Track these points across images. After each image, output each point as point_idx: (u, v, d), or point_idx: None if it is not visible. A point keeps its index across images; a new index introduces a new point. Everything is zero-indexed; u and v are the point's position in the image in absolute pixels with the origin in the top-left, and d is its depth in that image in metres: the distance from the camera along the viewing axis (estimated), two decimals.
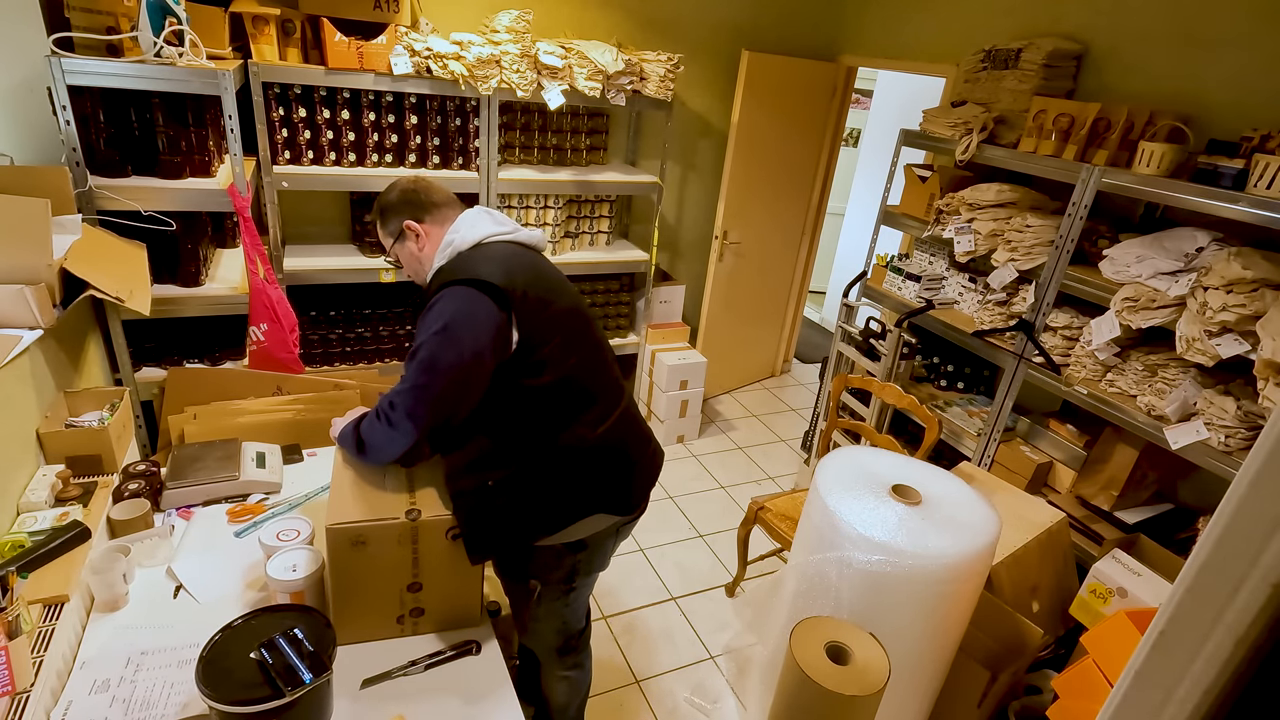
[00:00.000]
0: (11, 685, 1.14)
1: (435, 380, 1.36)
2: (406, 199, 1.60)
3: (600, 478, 1.51)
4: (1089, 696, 1.67)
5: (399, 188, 1.62)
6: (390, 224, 1.60)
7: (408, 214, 1.58)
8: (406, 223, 1.57)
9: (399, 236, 1.59)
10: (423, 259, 1.58)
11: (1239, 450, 1.92)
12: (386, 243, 1.64)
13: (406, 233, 1.58)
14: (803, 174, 4.11)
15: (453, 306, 1.37)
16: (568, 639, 1.71)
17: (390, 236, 1.61)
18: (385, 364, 2.98)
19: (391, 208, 1.60)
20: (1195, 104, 2.33)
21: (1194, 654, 0.51)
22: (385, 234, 1.62)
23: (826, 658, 1.31)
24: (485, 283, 1.38)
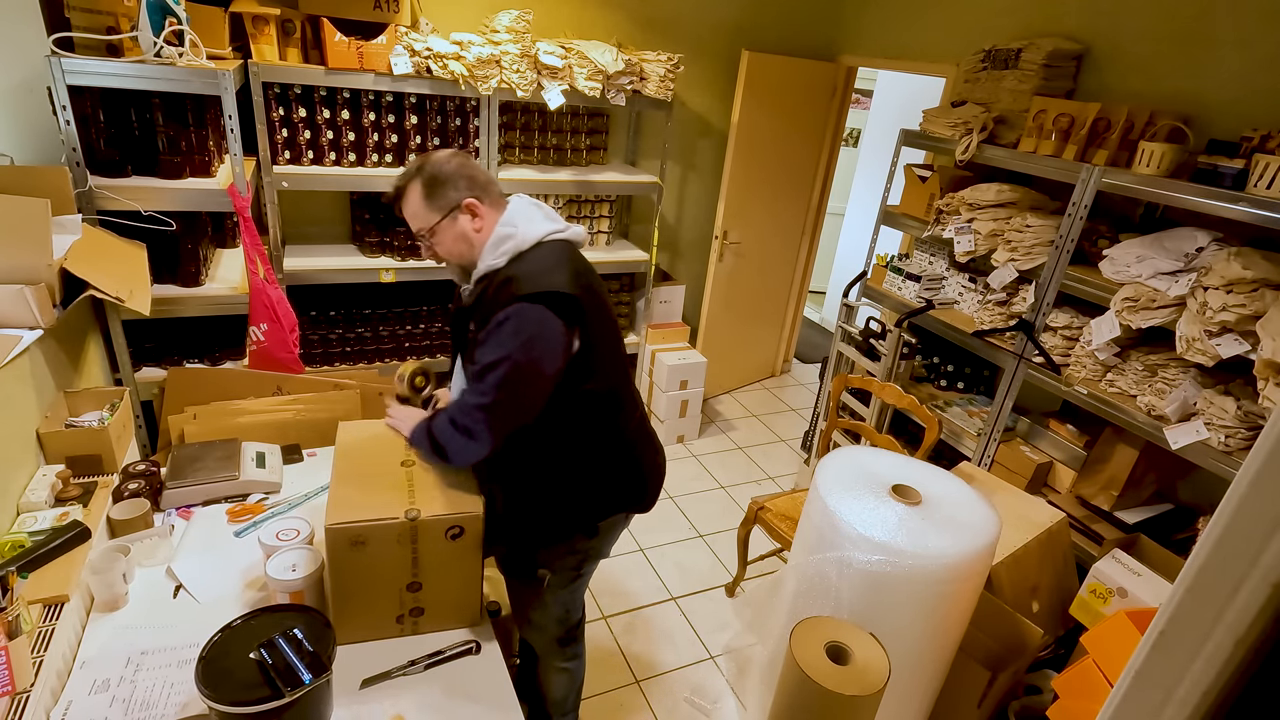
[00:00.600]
0: (11, 685, 1.14)
1: (514, 398, 1.38)
2: (466, 172, 1.45)
3: (632, 475, 1.62)
4: (1089, 696, 1.67)
5: (454, 158, 1.46)
6: (442, 196, 1.43)
7: (468, 190, 1.44)
8: (468, 200, 1.43)
9: (450, 212, 1.43)
10: (474, 243, 1.46)
11: (1239, 450, 1.92)
12: (429, 217, 1.44)
13: (463, 211, 1.44)
14: (803, 174, 4.11)
15: (533, 326, 1.35)
16: (569, 629, 1.76)
17: (438, 211, 1.44)
18: (385, 364, 2.98)
19: (447, 179, 1.43)
20: (1195, 104, 2.33)
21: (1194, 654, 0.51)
22: (431, 207, 1.44)
23: (826, 658, 1.31)
24: (560, 296, 1.36)
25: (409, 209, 1.46)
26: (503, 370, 1.34)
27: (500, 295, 1.38)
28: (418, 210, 1.45)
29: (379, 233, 2.89)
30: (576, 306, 1.38)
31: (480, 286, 1.45)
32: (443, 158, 1.46)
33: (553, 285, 1.36)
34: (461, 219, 1.44)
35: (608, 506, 1.60)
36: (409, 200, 1.46)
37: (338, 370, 2.88)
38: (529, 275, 1.38)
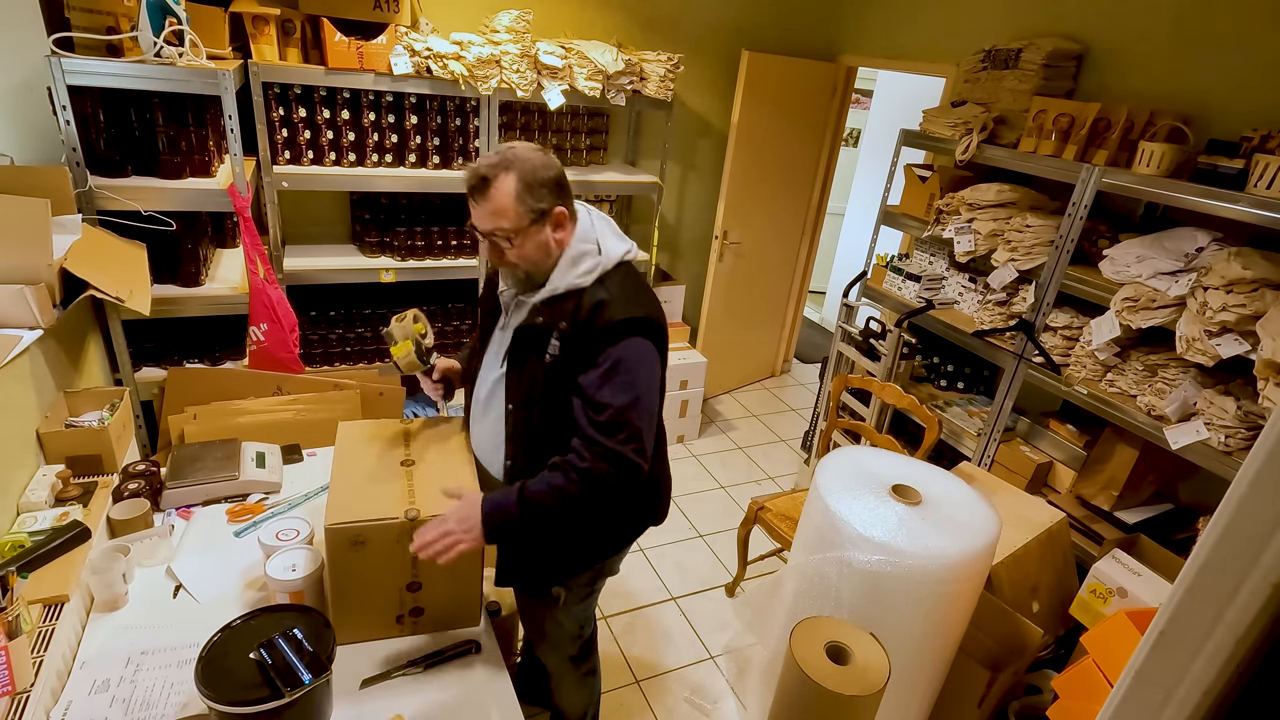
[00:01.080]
0: (11, 685, 1.14)
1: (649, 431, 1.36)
2: (562, 178, 1.36)
3: (658, 495, 1.65)
4: (1089, 696, 1.67)
5: (550, 159, 1.35)
6: (538, 199, 1.31)
7: (561, 198, 1.36)
8: (560, 209, 1.35)
9: (541, 217, 1.33)
10: (552, 254, 1.37)
11: (1239, 450, 1.92)
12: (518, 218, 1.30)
13: (552, 219, 1.35)
14: (803, 174, 4.11)
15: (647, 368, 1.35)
16: (583, 644, 1.73)
17: (529, 214, 1.31)
18: (385, 364, 2.98)
19: (545, 182, 1.32)
20: (1195, 104, 2.33)
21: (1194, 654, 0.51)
22: (522, 208, 1.30)
23: (826, 658, 1.31)
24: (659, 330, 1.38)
25: (493, 203, 1.30)
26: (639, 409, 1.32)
27: (597, 320, 1.32)
28: (506, 207, 1.30)
29: (379, 233, 2.90)
30: (665, 338, 1.41)
31: (559, 305, 1.37)
32: (540, 158, 1.33)
33: (651, 314, 1.36)
34: (546, 228, 1.35)
35: (635, 531, 1.61)
36: (497, 193, 1.30)
37: (338, 370, 2.88)
38: (625, 302, 1.34)
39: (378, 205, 2.96)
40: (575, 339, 1.34)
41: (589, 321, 1.33)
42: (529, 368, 1.41)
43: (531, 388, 1.42)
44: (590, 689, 1.83)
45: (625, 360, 1.32)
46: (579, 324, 1.34)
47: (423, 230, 2.90)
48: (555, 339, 1.36)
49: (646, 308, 1.37)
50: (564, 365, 1.36)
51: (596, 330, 1.32)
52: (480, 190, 1.31)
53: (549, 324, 1.37)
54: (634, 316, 1.33)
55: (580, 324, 1.34)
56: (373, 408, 2.38)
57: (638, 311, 1.34)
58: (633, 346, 1.33)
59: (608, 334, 1.32)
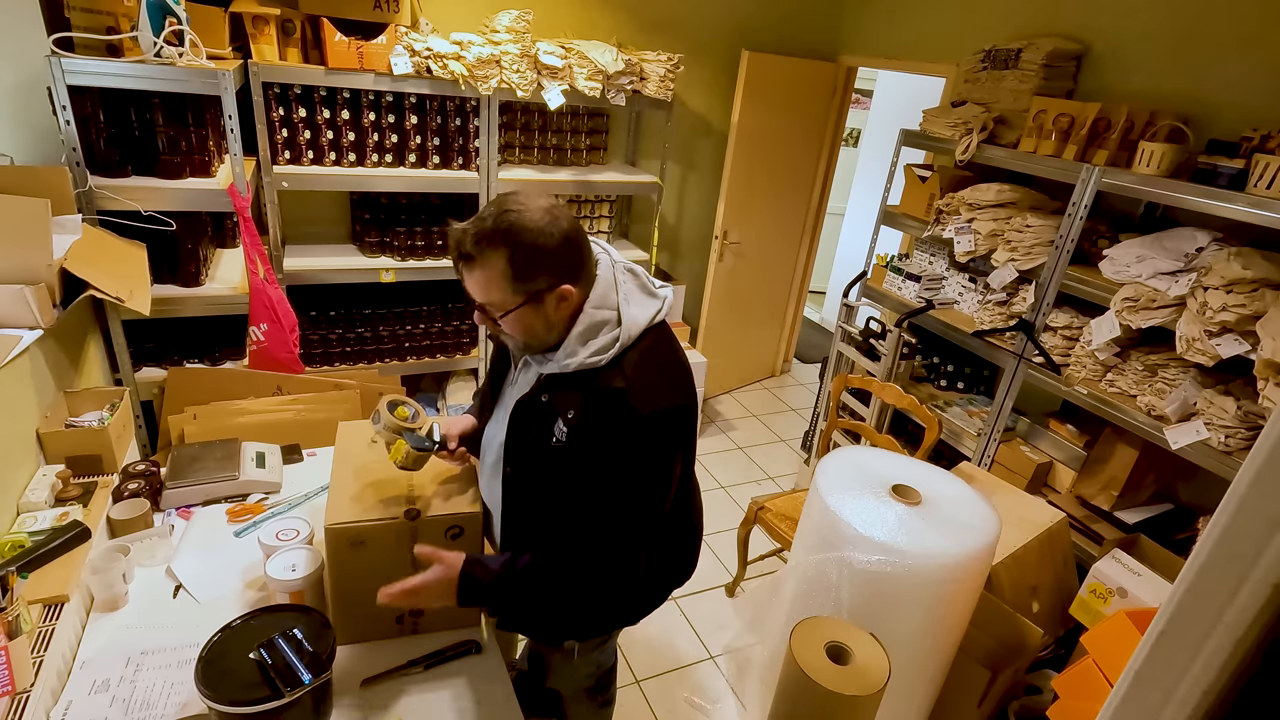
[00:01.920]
0: (11, 685, 1.14)
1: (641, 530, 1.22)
2: (573, 248, 1.14)
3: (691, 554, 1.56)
4: (1089, 696, 1.67)
5: (558, 223, 1.11)
6: (533, 279, 1.11)
7: (566, 274, 1.14)
8: (564, 286, 1.14)
9: (534, 297, 1.13)
10: (554, 328, 1.18)
11: (1239, 450, 1.92)
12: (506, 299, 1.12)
13: (559, 295, 1.14)
14: (803, 174, 4.11)
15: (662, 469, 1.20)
16: (600, 678, 1.65)
17: (520, 294, 1.12)
18: (385, 364, 2.98)
19: (547, 259, 1.11)
20: (1195, 104, 2.33)
21: (1194, 654, 0.51)
22: (514, 289, 1.11)
23: (826, 658, 1.30)
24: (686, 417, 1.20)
25: (480, 278, 1.12)
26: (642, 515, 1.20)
27: (611, 415, 1.14)
28: (493, 284, 1.12)
29: (379, 233, 2.90)
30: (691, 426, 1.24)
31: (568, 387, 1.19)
32: (542, 224, 1.10)
33: (680, 401, 1.18)
34: (547, 302, 1.15)
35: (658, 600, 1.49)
36: (484, 269, 1.11)
37: (338, 370, 2.88)
38: (647, 391, 1.14)
39: (378, 205, 2.96)
40: (584, 430, 1.16)
41: (602, 414, 1.15)
42: (532, 444, 1.25)
43: (534, 465, 1.26)
44: (604, 717, 1.74)
45: (638, 464, 1.16)
46: (590, 414, 1.15)
47: (423, 230, 2.90)
48: (563, 424, 1.18)
49: (674, 395, 1.18)
50: (569, 455, 1.18)
51: (610, 426, 1.14)
52: (465, 264, 1.13)
53: (555, 405, 1.19)
54: (657, 411, 1.14)
55: (591, 415, 1.15)
56: (373, 408, 2.38)
57: (661, 403, 1.15)
58: (649, 447, 1.16)
59: (623, 433, 1.14)
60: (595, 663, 1.60)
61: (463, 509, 1.38)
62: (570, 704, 1.67)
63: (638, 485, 1.18)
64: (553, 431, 1.20)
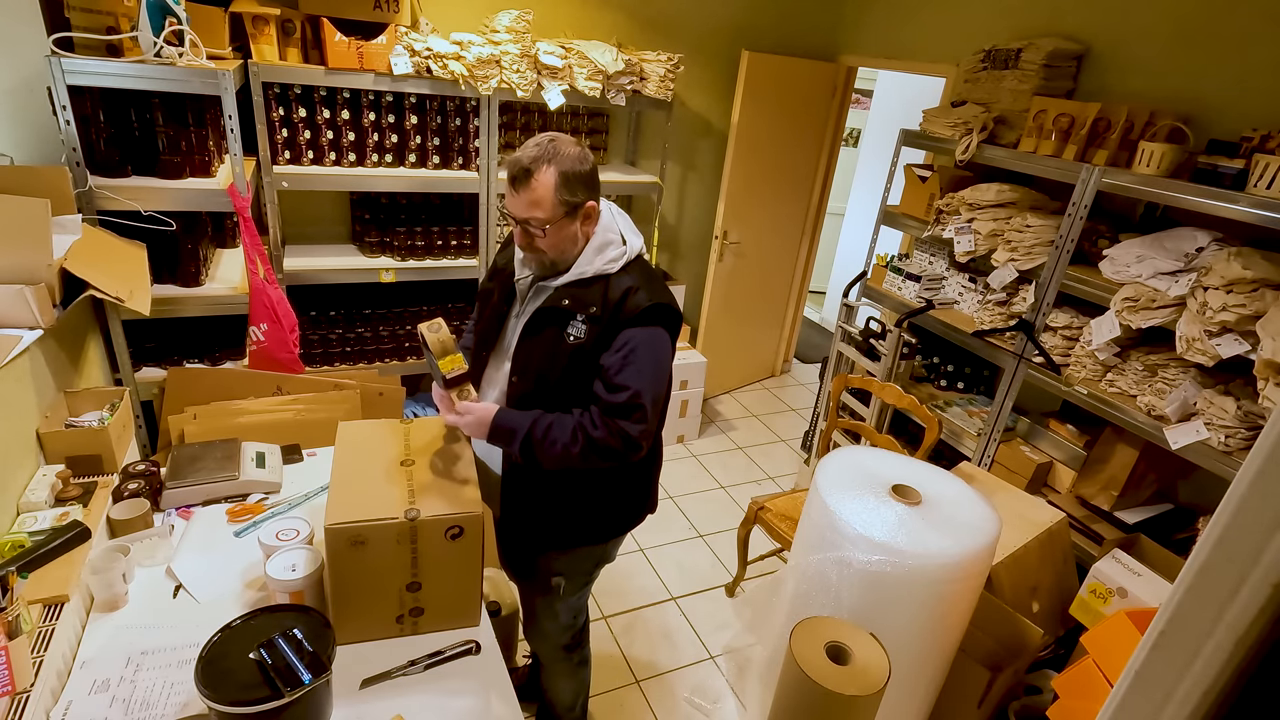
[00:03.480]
0: (11, 685, 1.14)
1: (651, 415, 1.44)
2: (596, 174, 1.43)
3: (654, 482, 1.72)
4: (1089, 696, 1.67)
5: (586, 153, 1.41)
6: (573, 194, 1.39)
7: (594, 193, 1.43)
8: (591, 203, 1.43)
9: (572, 210, 1.40)
10: (579, 244, 1.46)
11: (1239, 450, 1.92)
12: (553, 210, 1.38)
13: (583, 211, 1.42)
14: (803, 174, 4.11)
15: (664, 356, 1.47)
16: (575, 633, 1.77)
17: (563, 207, 1.39)
18: (385, 364, 2.98)
19: (582, 178, 1.40)
20: (1195, 104, 2.33)
21: (1194, 654, 0.51)
22: (559, 201, 1.38)
23: (826, 658, 1.31)
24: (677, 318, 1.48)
25: (533, 194, 1.37)
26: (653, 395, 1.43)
27: (626, 306, 1.41)
28: (544, 199, 1.37)
29: (379, 233, 2.89)
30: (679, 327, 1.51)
31: (586, 289, 1.44)
32: (578, 152, 1.40)
33: (672, 302, 1.46)
34: (577, 221, 1.43)
35: (631, 518, 1.67)
36: (538, 185, 1.36)
37: (338, 370, 2.88)
38: (650, 290, 1.43)
39: (378, 205, 2.96)
40: (603, 322, 1.42)
41: (619, 307, 1.41)
42: (547, 347, 1.46)
43: (546, 366, 1.47)
44: (581, 679, 1.86)
45: (646, 346, 1.40)
46: (608, 308, 1.42)
47: (423, 230, 2.90)
48: (581, 322, 1.43)
49: (669, 296, 1.47)
50: (586, 348, 1.42)
51: (625, 315, 1.40)
52: (522, 180, 1.37)
53: (574, 308, 1.43)
54: (660, 303, 1.42)
55: (610, 309, 1.41)
56: (373, 408, 2.38)
57: (663, 299, 1.44)
58: (653, 334, 1.42)
59: (634, 319, 1.40)
60: (573, 610, 1.73)
61: (463, 509, 1.38)
62: (548, 666, 1.81)
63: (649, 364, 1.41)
64: (568, 331, 1.44)
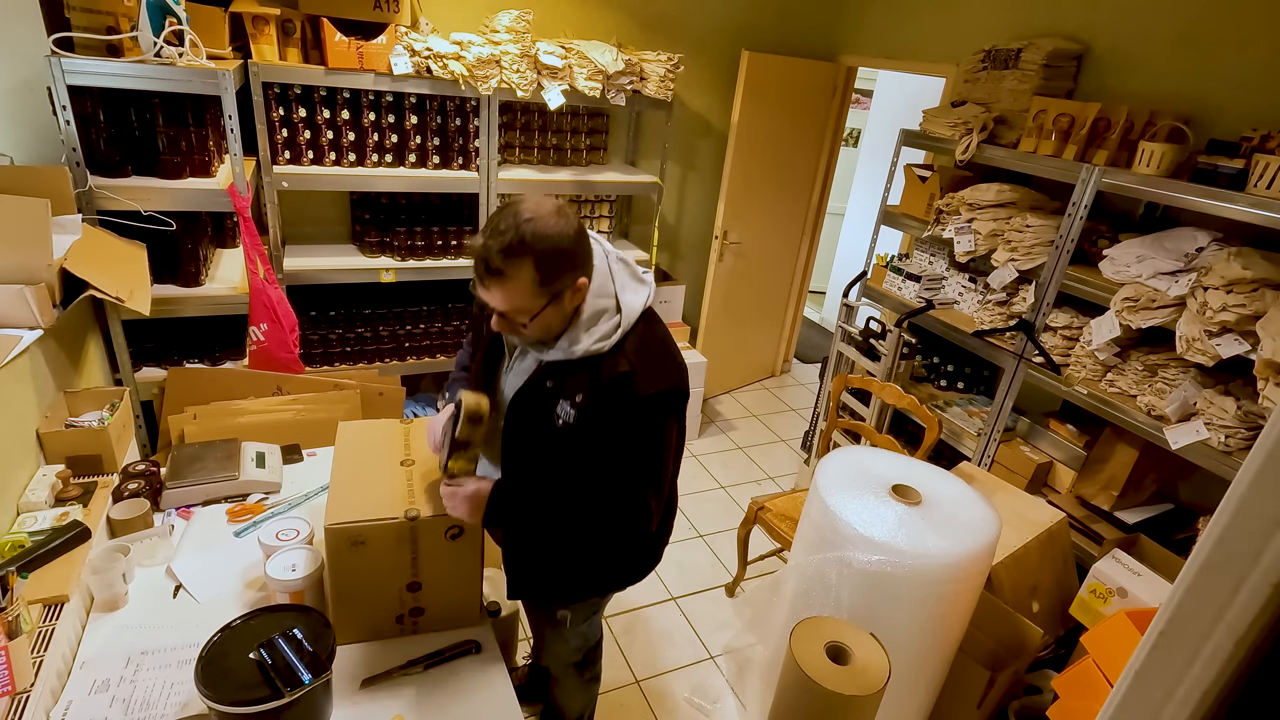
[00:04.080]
0: (11, 685, 1.14)
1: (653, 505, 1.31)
2: (584, 243, 1.20)
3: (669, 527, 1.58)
4: (1089, 696, 1.67)
5: (568, 220, 1.17)
6: (557, 277, 1.16)
7: (583, 266, 1.21)
8: (582, 279, 1.21)
9: (558, 296, 1.18)
10: (566, 319, 1.24)
11: (1239, 450, 1.92)
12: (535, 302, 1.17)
13: (574, 290, 1.20)
14: (803, 174, 4.11)
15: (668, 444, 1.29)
16: (587, 652, 1.74)
17: (547, 295, 1.17)
18: (385, 364, 2.98)
19: (568, 258, 1.17)
20: (1195, 104, 2.33)
21: (1194, 654, 0.51)
22: (541, 291, 1.16)
23: (826, 658, 1.30)
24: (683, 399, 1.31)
25: (508, 293, 1.16)
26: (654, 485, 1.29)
27: (620, 396, 1.22)
28: (522, 293, 1.15)
29: (379, 233, 2.90)
30: (686, 402, 1.33)
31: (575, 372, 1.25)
32: (558, 227, 1.15)
33: (677, 384, 1.28)
34: (565, 298, 1.20)
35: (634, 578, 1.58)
36: (513, 283, 1.14)
37: (338, 370, 2.88)
38: (650, 372, 1.23)
39: (378, 205, 2.96)
40: (593, 412, 1.23)
41: (610, 396, 1.22)
42: (536, 426, 1.30)
43: (537, 447, 1.32)
44: (590, 694, 1.83)
45: (648, 439, 1.25)
46: (599, 397, 1.22)
47: (423, 230, 2.90)
48: (569, 407, 1.25)
49: (672, 376, 1.28)
50: (577, 433, 1.26)
51: (620, 407, 1.22)
52: (493, 279, 1.15)
53: (559, 393, 1.26)
54: (661, 391, 1.24)
55: (600, 397, 1.22)
56: (373, 408, 2.38)
57: (664, 384, 1.25)
58: (655, 423, 1.25)
59: (632, 412, 1.22)
60: (583, 636, 1.67)
61: None
62: (559, 680, 1.76)
63: (644, 456, 1.27)
64: (557, 414, 1.27)
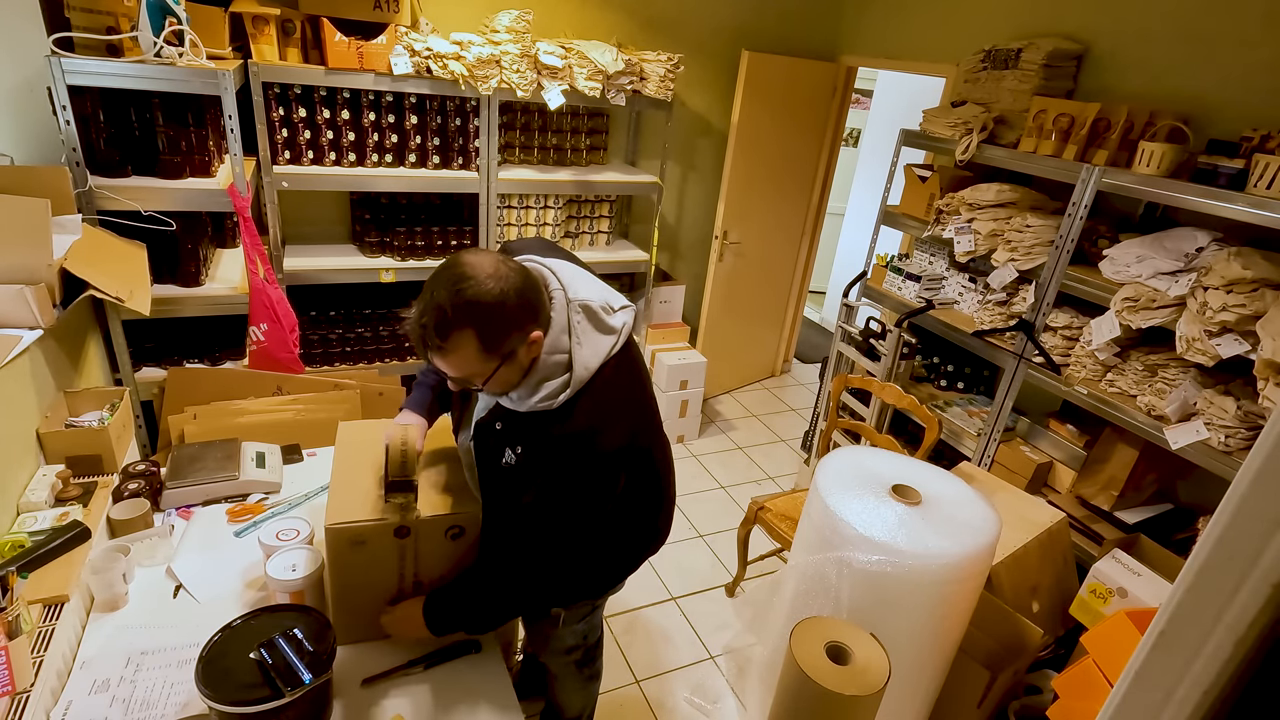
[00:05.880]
0: (11, 685, 1.14)
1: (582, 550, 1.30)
2: (528, 296, 1.14)
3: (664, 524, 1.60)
4: (1089, 696, 1.67)
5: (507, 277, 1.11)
6: (503, 340, 1.12)
7: (531, 319, 1.15)
8: (535, 334, 1.15)
9: (509, 356, 1.14)
10: (524, 369, 1.19)
11: (1239, 450, 1.92)
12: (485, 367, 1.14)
13: (526, 346, 1.15)
14: (803, 174, 4.11)
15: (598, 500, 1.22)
16: (587, 650, 1.71)
17: (496, 358, 1.13)
18: (385, 364, 2.98)
19: (512, 320, 1.12)
20: (1195, 104, 2.33)
21: (1194, 654, 0.51)
22: (489, 356, 1.13)
23: (826, 658, 1.31)
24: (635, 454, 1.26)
25: (454, 360, 1.13)
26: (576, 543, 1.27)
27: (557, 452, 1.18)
28: (468, 362, 1.13)
29: (379, 233, 2.90)
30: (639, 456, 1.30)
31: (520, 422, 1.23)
32: (496, 288, 1.09)
33: (619, 444, 1.20)
34: (518, 355, 1.16)
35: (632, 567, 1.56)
36: (457, 353, 1.12)
37: (338, 370, 2.88)
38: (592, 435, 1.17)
39: (378, 205, 2.96)
40: (530, 464, 1.22)
41: (548, 455, 1.19)
42: (488, 462, 1.31)
43: (489, 483, 1.33)
44: (590, 692, 1.82)
45: (578, 498, 1.20)
46: (536, 452, 1.21)
47: (423, 230, 2.90)
48: (512, 453, 1.24)
49: (620, 435, 1.20)
50: (516, 478, 1.24)
51: (555, 465, 1.19)
52: (435, 353, 1.14)
53: (506, 436, 1.25)
54: (605, 452, 1.18)
55: (537, 452, 1.21)
56: (373, 408, 2.39)
57: (607, 445, 1.18)
58: (590, 484, 1.20)
59: (567, 471, 1.19)
60: (580, 634, 1.65)
61: (463, 509, 1.38)
62: (558, 678, 1.74)
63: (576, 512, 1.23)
64: (503, 453, 1.27)
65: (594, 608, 1.65)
